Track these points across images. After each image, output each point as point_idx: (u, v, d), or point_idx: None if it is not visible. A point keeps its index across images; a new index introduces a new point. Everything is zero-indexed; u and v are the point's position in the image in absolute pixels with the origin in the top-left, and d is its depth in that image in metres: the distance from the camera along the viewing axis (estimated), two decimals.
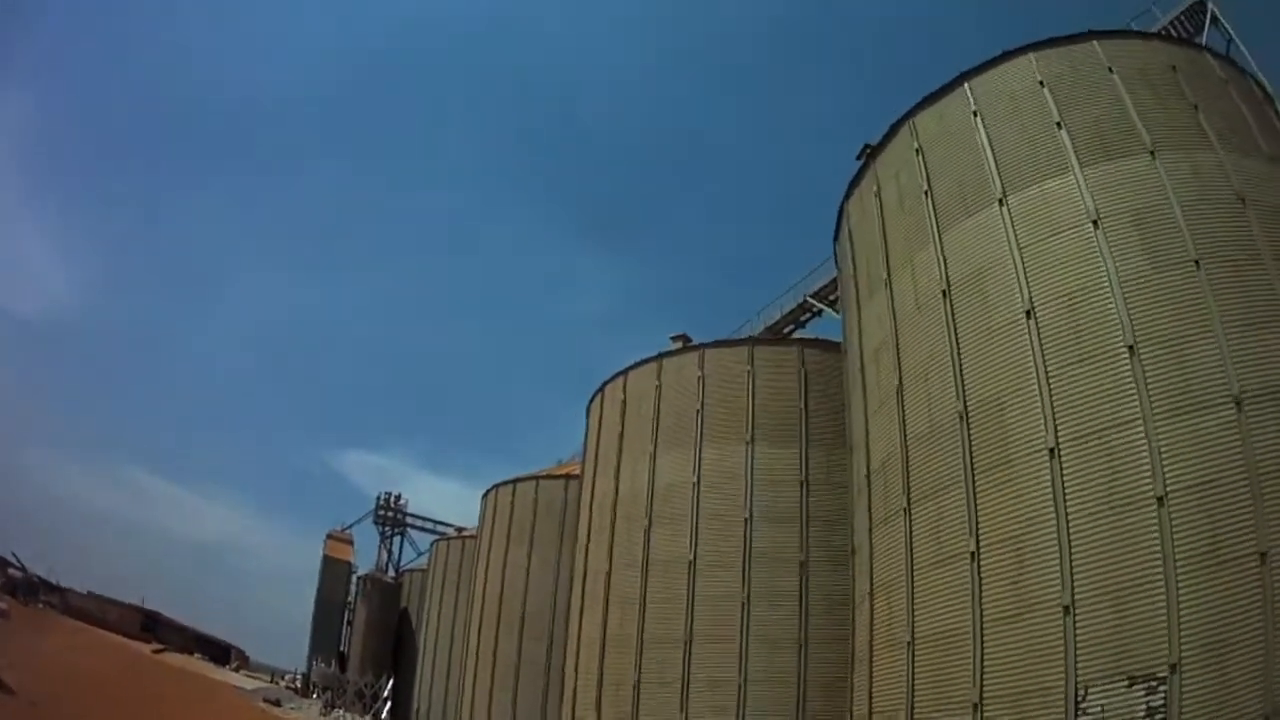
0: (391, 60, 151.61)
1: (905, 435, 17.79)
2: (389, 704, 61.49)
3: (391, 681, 62.50)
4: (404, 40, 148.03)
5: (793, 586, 25.04)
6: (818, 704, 23.69)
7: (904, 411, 17.99)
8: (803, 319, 33.16)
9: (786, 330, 33.16)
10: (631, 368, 31.21)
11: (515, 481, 46.38)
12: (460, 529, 67.53)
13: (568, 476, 43.55)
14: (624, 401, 30.91)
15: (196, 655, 67.81)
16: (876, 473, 19.04)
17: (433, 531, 78.85)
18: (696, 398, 28.12)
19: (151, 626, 67.20)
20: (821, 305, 31.58)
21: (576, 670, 29.93)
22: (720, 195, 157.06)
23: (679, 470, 27.72)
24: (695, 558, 26.19)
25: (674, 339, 30.60)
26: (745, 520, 25.80)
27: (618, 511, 29.51)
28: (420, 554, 79.23)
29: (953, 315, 17.19)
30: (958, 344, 16.90)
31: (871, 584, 18.56)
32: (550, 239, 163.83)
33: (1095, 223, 15.96)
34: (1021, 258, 16.48)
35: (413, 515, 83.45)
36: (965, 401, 16.36)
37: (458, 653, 54.60)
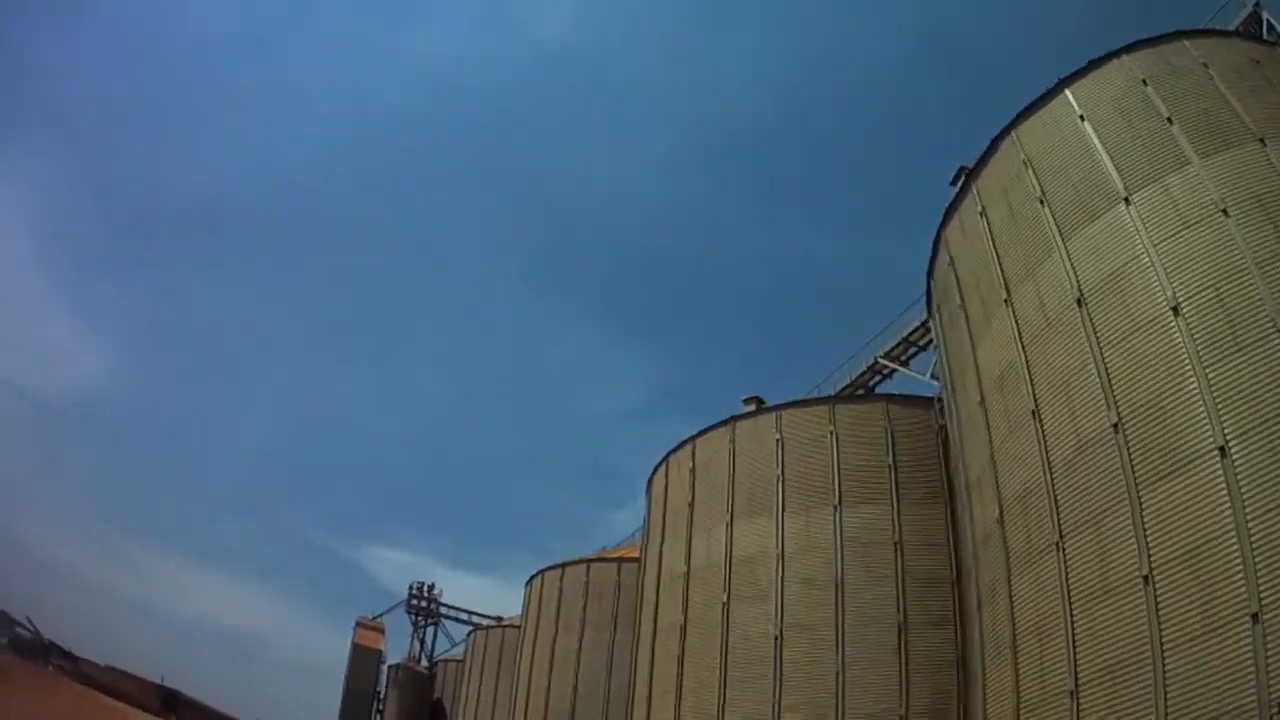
0: (403, 153, 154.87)
1: (1048, 461, 16.30)
2: None
3: None
4: (413, 134, 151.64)
5: (891, 652, 22.96)
6: None
7: (1043, 435, 16.54)
8: (871, 383, 31.78)
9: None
10: (700, 434, 29.71)
11: (564, 565, 44.31)
12: (499, 618, 64.63)
13: (620, 560, 41.65)
14: (693, 470, 29.31)
15: None
16: (1012, 510, 17.43)
17: (467, 622, 75.74)
18: (775, 461, 26.50)
19: (171, 704, 64.00)
20: (894, 365, 30.34)
21: None
22: (748, 284, 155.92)
23: (759, 539, 25.92)
24: (781, 632, 24.18)
25: (746, 401, 29.17)
26: (836, 586, 23.88)
27: (691, 587, 27.52)
28: (455, 644, 76.25)
29: (1091, 322, 15.97)
30: (1100, 351, 15.60)
31: (1014, 632, 16.69)
32: (572, 333, 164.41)
33: (1224, 211, 15.20)
34: (1157, 255, 15.41)
35: (447, 605, 79.77)
36: (1118, 411, 14.91)
37: None
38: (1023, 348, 17.50)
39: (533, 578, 46.61)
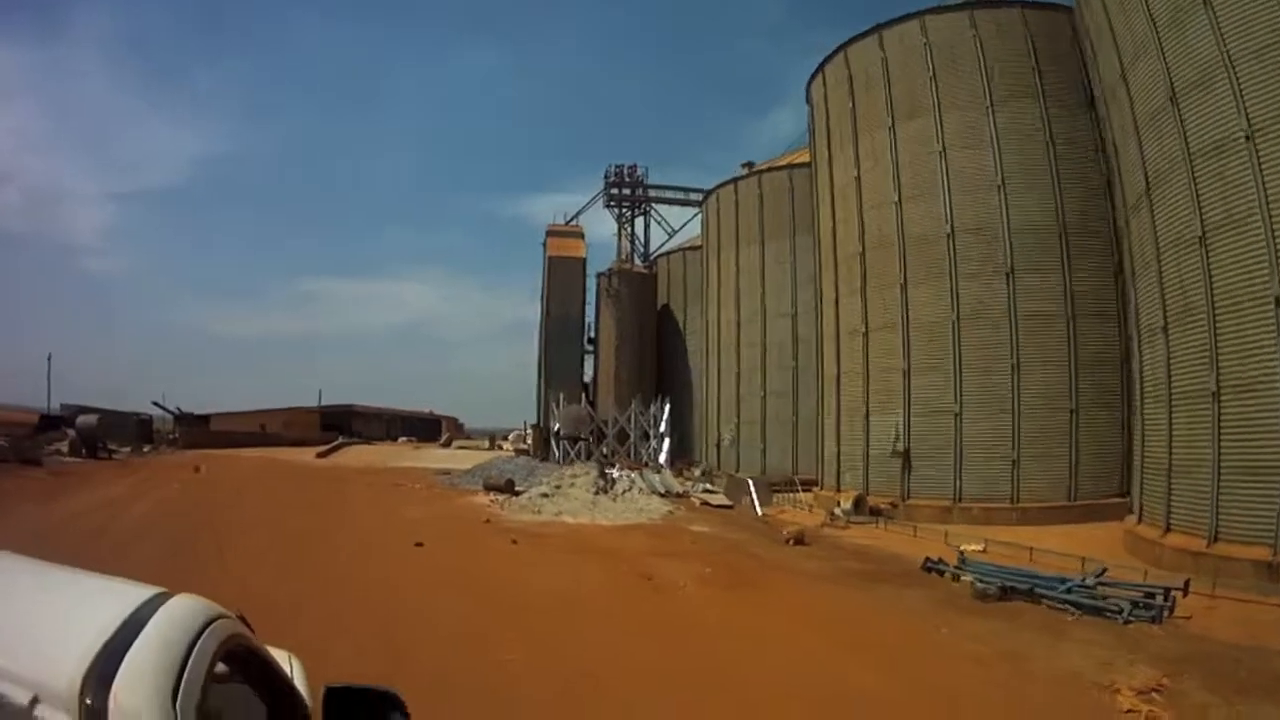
0: None
1: None
2: (667, 442, 43.72)
3: (668, 407, 45.43)
4: None
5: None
6: None
7: None
8: None
9: None
10: None
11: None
12: (749, 164, 49.61)
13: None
14: None
15: (402, 439, 60.72)
16: None
17: (686, 203, 58.97)
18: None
19: (338, 424, 60.68)
20: None
21: None
22: None
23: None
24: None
25: None
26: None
27: None
28: (673, 233, 61.15)
29: None
30: None
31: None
32: None
33: None
34: None
35: (656, 187, 61.21)
36: None
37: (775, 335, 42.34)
38: None
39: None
